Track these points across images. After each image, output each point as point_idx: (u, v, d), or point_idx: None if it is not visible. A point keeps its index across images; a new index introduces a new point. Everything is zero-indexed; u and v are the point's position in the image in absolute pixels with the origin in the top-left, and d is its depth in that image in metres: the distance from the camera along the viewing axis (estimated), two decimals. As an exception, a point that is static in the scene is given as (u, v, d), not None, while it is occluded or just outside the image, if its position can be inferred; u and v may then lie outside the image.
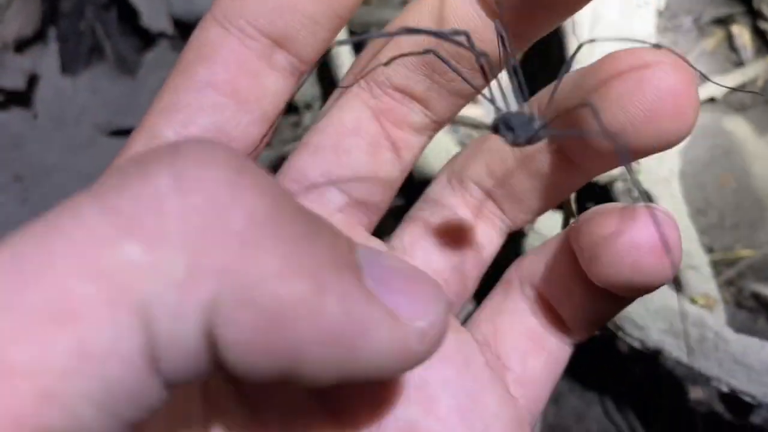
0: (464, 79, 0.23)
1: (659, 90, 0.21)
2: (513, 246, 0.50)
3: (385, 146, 0.26)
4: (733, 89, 0.60)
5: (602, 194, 0.50)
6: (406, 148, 0.26)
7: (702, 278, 0.46)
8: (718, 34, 0.65)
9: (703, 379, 0.43)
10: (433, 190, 0.29)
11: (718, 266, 0.62)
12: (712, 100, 0.61)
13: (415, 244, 0.28)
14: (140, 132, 0.25)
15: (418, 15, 0.25)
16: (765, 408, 0.43)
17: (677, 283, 0.47)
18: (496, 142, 0.24)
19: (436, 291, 0.20)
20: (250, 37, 0.25)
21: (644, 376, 0.59)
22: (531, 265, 0.28)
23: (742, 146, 0.59)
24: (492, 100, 0.22)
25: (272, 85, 0.26)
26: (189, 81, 0.25)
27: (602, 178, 0.45)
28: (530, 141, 0.22)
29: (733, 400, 0.45)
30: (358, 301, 0.17)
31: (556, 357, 0.27)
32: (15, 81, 0.64)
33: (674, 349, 0.44)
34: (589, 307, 0.25)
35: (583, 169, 0.25)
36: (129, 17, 0.68)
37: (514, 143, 0.22)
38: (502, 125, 0.22)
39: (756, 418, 0.54)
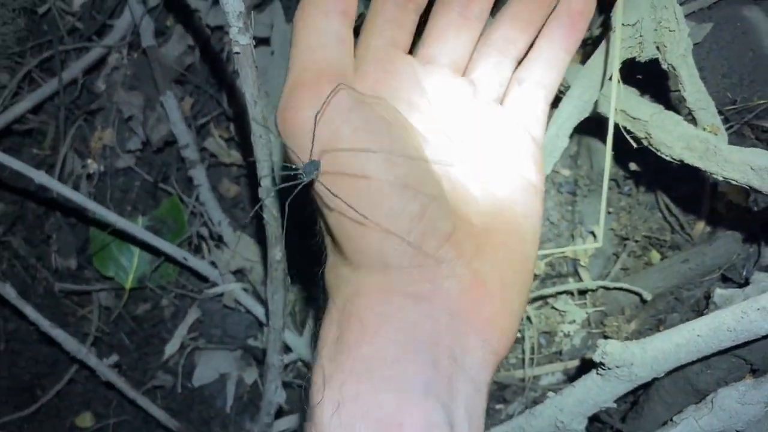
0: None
1: None
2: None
3: None
4: None
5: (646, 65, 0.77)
6: None
7: (709, 115, 0.74)
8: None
9: (707, 174, 0.72)
10: None
11: (741, 112, 0.88)
12: (734, -5, 0.86)
13: None
14: None
15: None
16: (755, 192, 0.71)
17: (694, 120, 0.75)
18: None
19: None
20: None
21: (684, 188, 0.89)
22: None
23: (757, 27, 0.84)
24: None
25: None
26: None
27: (642, 57, 0.74)
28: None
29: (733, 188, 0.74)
30: None
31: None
32: (261, 31, 0.98)
33: (689, 158, 0.73)
34: None
35: None
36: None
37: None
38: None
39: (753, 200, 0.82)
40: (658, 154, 0.75)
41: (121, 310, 1.00)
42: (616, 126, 0.77)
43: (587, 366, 0.78)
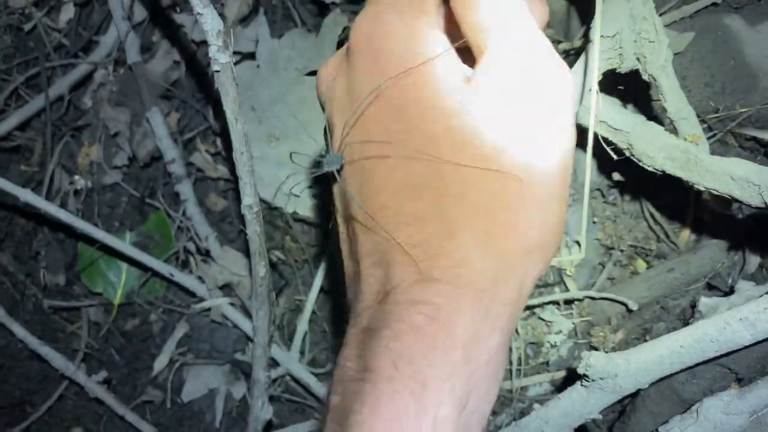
0: None
1: None
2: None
3: None
4: None
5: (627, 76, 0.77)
6: None
7: (690, 124, 0.74)
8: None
9: (689, 184, 0.73)
10: None
11: (724, 121, 0.89)
12: (715, 4, 0.86)
13: None
14: None
15: None
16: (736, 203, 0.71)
17: (675, 130, 0.75)
18: None
19: None
20: None
21: (669, 197, 0.89)
22: None
23: (738, 36, 0.84)
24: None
25: None
26: None
27: (623, 68, 0.74)
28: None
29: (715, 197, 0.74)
30: None
31: None
32: (246, 45, 0.98)
33: (671, 168, 0.73)
34: None
35: None
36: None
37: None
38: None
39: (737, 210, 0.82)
40: (641, 164, 0.75)
41: (110, 326, 1.00)
42: (596, 133, 0.77)
43: (574, 377, 0.78)
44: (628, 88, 0.81)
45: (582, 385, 0.71)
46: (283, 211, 0.97)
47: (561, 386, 0.85)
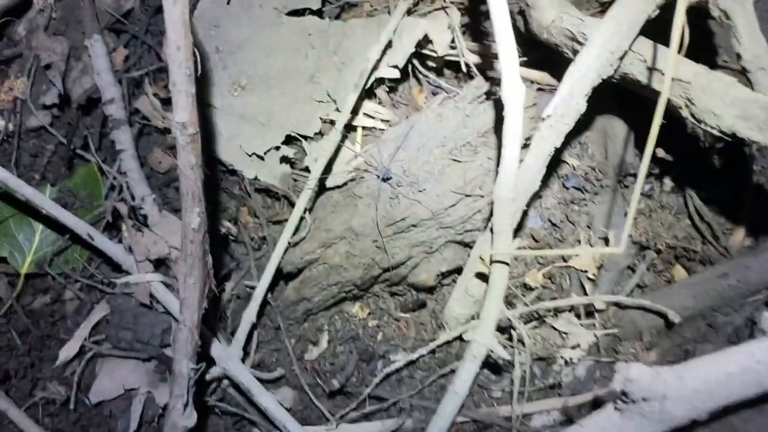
0: None
1: None
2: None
3: None
4: None
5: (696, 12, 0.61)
6: None
7: (771, 78, 0.57)
8: None
9: (758, 160, 0.55)
10: None
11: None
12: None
13: None
14: None
15: None
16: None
17: (750, 83, 0.58)
18: None
19: None
20: None
21: (721, 191, 0.71)
22: None
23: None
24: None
25: None
26: None
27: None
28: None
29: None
30: None
31: None
32: (216, -28, 0.82)
33: (744, 129, 0.56)
34: None
35: None
36: None
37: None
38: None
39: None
40: (701, 126, 0.58)
41: (14, 302, 0.80)
42: (639, 97, 0.60)
43: (598, 403, 0.60)
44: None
45: (616, 408, 0.52)
46: (242, 175, 0.79)
47: (577, 416, 0.66)
